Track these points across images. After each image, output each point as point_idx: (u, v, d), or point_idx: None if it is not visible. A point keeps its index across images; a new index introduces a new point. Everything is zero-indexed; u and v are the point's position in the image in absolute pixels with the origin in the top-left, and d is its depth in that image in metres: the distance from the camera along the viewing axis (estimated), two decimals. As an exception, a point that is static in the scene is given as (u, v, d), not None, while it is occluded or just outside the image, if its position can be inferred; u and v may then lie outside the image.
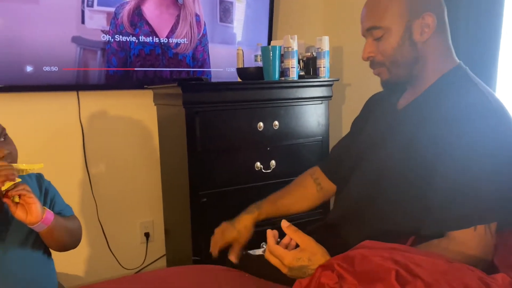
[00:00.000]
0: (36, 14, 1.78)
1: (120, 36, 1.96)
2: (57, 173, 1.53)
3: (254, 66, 2.06)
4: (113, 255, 2.10)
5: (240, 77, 2.04)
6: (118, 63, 1.98)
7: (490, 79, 1.67)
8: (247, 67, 2.07)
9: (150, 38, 2.03)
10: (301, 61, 2.15)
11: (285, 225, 0.90)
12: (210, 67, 2.23)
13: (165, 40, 2.07)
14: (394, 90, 1.09)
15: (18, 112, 1.86)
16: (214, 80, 2.19)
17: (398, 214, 0.97)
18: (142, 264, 2.19)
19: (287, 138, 1.99)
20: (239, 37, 2.30)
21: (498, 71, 1.69)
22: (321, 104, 2.08)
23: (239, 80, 2.06)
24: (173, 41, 2.10)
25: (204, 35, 2.19)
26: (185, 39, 2.13)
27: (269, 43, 2.31)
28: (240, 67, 2.09)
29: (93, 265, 2.08)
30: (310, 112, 2.05)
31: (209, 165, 1.84)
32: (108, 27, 1.93)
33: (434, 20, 0.98)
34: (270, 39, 2.36)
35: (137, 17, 1.99)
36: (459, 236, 0.87)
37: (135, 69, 2.02)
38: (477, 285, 0.69)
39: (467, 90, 0.97)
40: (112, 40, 1.95)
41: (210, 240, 1.24)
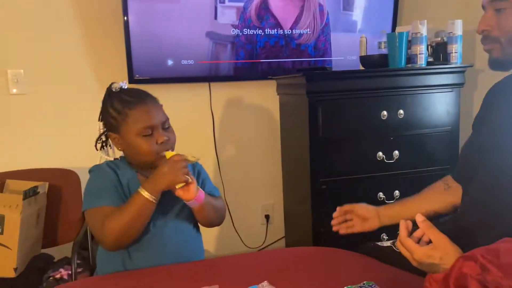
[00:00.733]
0: (176, 12, 1.98)
1: (248, 30, 2.08)
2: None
3: (377, 53, 2.02)
4: (237, 234, 2.27)
5: (363, 65, 2.01)
6: (245, 56, 2.11)
7: None
8: (371, 54, 2.04)
9: (275, 30, 2.12)
10: (429, 46, 2.04)
11: (419, 219, 0.85)
12: (331, 56, 2.24)
13: (289, 31, 2.14)
14: (501, 70, 0.99)
15: (161, 101, 2.09)
16: (334, 69, 2.20)
17: None
18: (262, 244, 2.33)
19: (412, 128, 1.92)
20: (359, 24, 2.26)
21: None
22: (451, 92, 1.96)
23: (361, 68, 2.03)
24: (297, 32, 2.15)
25: (327, 24, 2.20)
26: (308, 30, 2.17)
27: (393, 29, 2.23)
28: (363, 55, 2.06)
29: (220, 242, 2.28)
30: (438, 100, 1.94)
31: (330, 154, 1.87)
32: (237, 21, 2.06)
33: None
34: (394, 25, 2.27)
35: (264, 10, 2.09)
36: None
37: (261, 60, 2.13)
38: None
39: None
40: (240, 34, 2.08)
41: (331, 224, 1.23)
